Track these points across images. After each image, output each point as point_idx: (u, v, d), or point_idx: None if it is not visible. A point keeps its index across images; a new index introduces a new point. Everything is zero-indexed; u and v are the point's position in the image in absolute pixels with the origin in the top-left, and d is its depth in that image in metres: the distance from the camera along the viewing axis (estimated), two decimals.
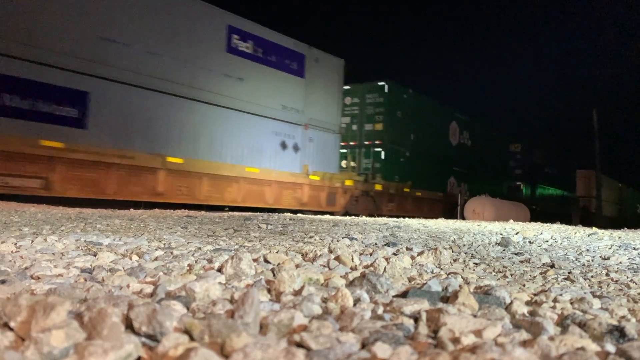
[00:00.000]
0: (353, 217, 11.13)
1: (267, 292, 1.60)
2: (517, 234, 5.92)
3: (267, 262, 2.33)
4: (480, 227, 7.74)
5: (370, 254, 2.89)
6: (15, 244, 2.63)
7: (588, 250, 4.28)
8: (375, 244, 3.86)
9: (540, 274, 2.57)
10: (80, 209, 8.08)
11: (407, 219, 11.19)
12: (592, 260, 3.48)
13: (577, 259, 3.54)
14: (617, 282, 2.39)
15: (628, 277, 2.56)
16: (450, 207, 19.91)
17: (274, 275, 1.89)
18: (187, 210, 10.14)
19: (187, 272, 2.02)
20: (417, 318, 1.28)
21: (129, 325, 1.06)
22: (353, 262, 2.42)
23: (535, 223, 10.26)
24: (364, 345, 1.05)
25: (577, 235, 6.14)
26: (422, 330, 1.19)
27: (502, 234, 5.87)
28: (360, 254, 2.85)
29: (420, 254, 2.81)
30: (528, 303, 1.66)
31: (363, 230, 5.56)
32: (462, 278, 2.21)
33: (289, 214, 10.86)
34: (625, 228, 10.78)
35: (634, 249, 4.31)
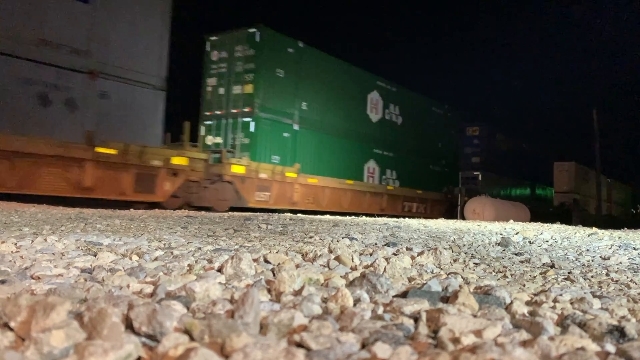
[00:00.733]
0: (353, 217, 10.97)
1: (267, 292, 1.60)
2: (517, 234, 5.92)
3: (267, 262, 2.33)
4: (480, 227, 7.74)
5: (370, 254, 2.89)
6: (16, 244, 2.63)
7: (588, 250, 4.28)
8: (375, 244, 3.86)
9: (540, 274, 2.57)
10: (80, 209, 8.09)
11: (407, 219, 11.18)
12: (592, 260, 3.48)
13: (577, 259, 3.54)
14: (617, 282, 2.39)
15: (628, 277, 2.56)
16: (371, 201, 16.94)
17: (274, 275, 1.89)
18: (187, 210, 10.15)
19: (187, 272, 2.02)
20: (417, 318, 1.28)
21: (129, 325, 1.06)
22: (353, 262, 2.43)
23: (536, 223, 10.27)
24: (364, 346, 1.05)
25: (577, 236, 6.15)
26: (422, 330, 1.19)
27: (502, 234, 5.88)
28: (360, 254, 2.85)
29: (420, 254, 2.81)
30: (528, 303, 1.66)
31: (363, 230, 5.57)
32: (462, 278, 2.21)
33: (289, 214, 10.85)
34: (625, 228, 10.78)
35: (634, 249, 4.31)
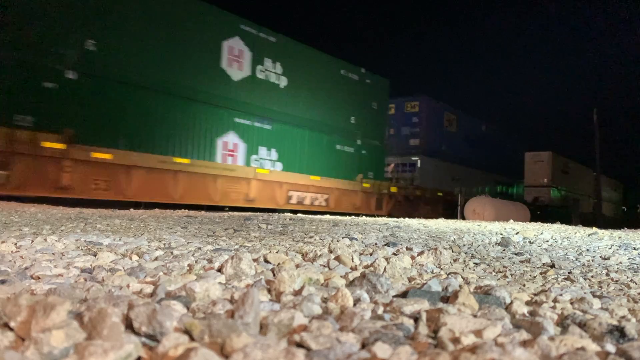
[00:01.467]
0: (353, 217, 11.05)
1: (267, 292, 1.60)
2: (517, 234, 5.92)
3: (267, 262, 2.33)
4: (480, 227, 7.74)
5: (370, 254, 2.89)
6: (16, 244, 2.63)
7: (588, 250, 4.28)
8: (375, 244, 3.86)
9: (541, 274, 2.57)
10: (80, 209, 8.09)
11: (407, 219, 11.19)
12: (592, 260, 3.48)
13: (577, 259, 3.54)
14: (617, 282, 2.39)
15: (628, 277, 2.56)
16: (226, 188, 12.63)
17: (274, 275, 1.89)
18: (187, 210, 10.15)
19: (187, 272, 2.02)
20: (417, 318, 1.28)
21: (129, 325, 1.06)
22: (353, 262, 2.42)
23: (536, 223, 10.27)
24: (364, 345, 1.05)
25: (577, 235, 6.15)
26: (422, 330, 1.19)
27: (502, 234, 5.88)
28: (360, 254, 2.85)
29: (420, 254, 2.81)
30: (528, 303, 1.66)
31: (363, 230, 5.57)
32: (462, 278, 2.21)
33: (289, 214, 10.85)
34: (625, 228, 10.78)
35: (634, 249, 4.31)
